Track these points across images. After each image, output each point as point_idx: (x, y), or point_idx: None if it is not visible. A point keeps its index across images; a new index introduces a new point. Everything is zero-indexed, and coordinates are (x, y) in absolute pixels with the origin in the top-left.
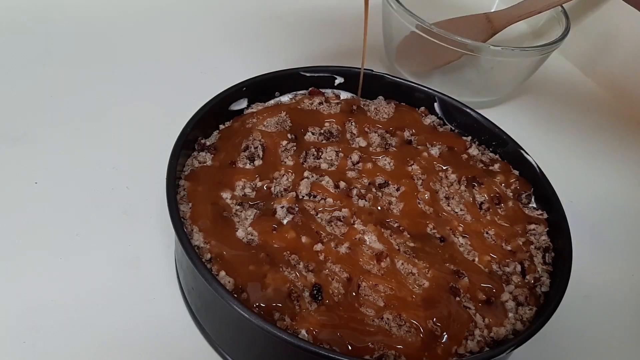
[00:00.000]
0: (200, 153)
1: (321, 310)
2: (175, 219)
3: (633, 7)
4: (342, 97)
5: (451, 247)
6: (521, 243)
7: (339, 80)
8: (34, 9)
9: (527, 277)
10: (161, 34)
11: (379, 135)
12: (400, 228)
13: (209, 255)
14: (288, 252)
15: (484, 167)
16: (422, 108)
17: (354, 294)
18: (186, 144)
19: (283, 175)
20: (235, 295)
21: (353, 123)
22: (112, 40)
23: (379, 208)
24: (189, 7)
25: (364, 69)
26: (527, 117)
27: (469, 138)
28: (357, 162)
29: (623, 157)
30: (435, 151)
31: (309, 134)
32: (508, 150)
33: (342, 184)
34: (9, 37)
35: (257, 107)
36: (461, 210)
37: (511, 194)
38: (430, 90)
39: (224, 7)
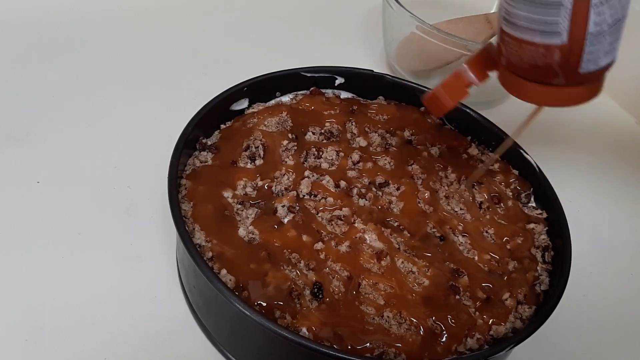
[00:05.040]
0: (201, 152)
1: (322, 309)
2: (177, 217)
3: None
4: (342, 97)
5: (451, 246)
6: (520, 242)
7: (339, 80)
8: (36, 10)
9: (527, 275)
10: (163, 34)
11: (379, 135)
12: (401, 227)
13: (210, 254)
14: (289, 250)
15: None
16: (422, 108)
17: (354, 292)
18: (187, 144)
19: (284, 174)
20: (237, 294)
21: (353, 123)
22: (114, 41)
23: (379, 207)
24: (191, 7)
25: (365, 70)
26: (526, 117)
27: (469, 138)
28: (358, 162)
29: (622, 157)
30: (435, 151)
31: (310, 133)
32: (507, 150)
33: (343, 184)
34: (12, 38)
35: (258, 107)
36: (461, 209)
37: (511, 193)
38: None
39: (225, 8)
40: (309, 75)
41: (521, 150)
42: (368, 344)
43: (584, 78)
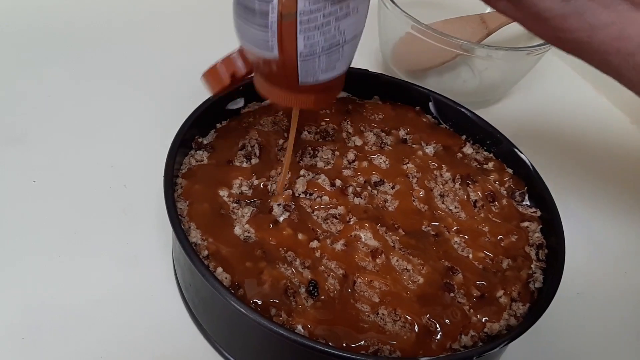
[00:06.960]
0: (197, 152)
1: (317, 306)
2: (172, 216)
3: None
4: (337, 97)
5: (445, 244)
6: (515, 240)
7: None
8: (34, 10)
9: (521, 273)
10: (159, 33)
11: (374, 134)
12: (395, 225)
13: (206, 252)
14: (284, 249)
15: (478, 166)
16: (418, 107)
17: (349, 290)
18: (183, 143)
19: (280, 173)
20: (232, 292)
21: (349, 122)
22: (110, 41)
23: (375, 206)
24: (187, 6)
25: (361, 69)
26: (521, 117)
27: (464, 137)
28: (353, 161)
29: (616, 156)
30: (430, 150)
31: (305, 133)
32: (502, 149)
33: (338, 182)
34: (9, 38)
35: (253, 106)
36: (455, 207)
37: (505, 192)
38: (425, 90)
39: (221, 6)
40: None
41: (515, 149)
42: (363, 342)
43: (306, 88)
